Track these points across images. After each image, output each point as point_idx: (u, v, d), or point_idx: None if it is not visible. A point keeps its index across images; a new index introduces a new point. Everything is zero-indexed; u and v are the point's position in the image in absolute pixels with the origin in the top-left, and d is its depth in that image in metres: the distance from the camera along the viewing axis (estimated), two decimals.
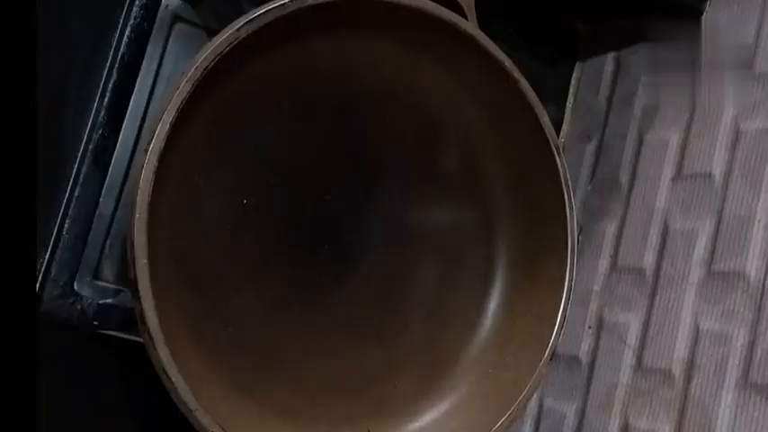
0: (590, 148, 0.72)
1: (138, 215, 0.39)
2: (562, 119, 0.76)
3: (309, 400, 0.52)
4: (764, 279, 0.55)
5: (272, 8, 0.43)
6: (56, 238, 0.50)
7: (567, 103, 0.76)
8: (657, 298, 0.61)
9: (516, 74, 0.51)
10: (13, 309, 0.35)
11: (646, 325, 0.61)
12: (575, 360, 0.66)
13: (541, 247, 0.56)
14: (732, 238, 0.57)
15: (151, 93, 0.53)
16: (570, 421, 0.64)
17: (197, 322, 0.46)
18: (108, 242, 0.52)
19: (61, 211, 0.51)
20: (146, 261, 0.39)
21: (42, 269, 0.50)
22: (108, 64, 0.52)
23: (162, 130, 0.40)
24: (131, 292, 0.40)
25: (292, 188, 0.53)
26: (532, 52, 0.73)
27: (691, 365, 0.57)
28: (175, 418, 0.40)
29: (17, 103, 0.37)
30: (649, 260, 0.63)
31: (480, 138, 0.58)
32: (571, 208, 0.54)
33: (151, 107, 0.53)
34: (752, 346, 0.54)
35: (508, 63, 0.51)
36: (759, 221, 0.56)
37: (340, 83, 0.53)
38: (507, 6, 0.70)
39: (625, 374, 0.61)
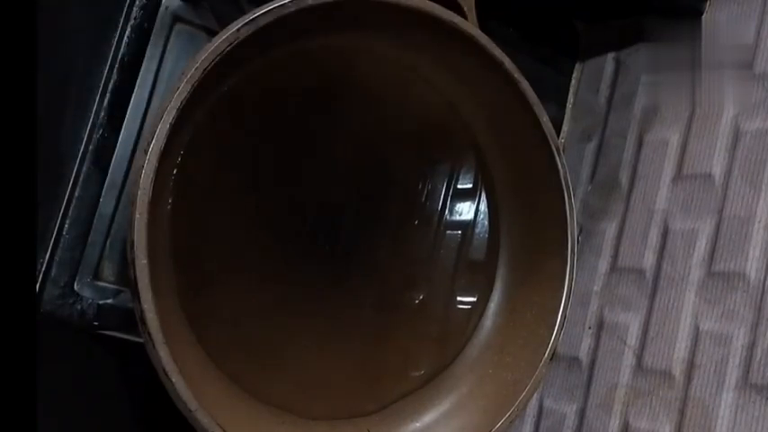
0: (590, 148, 0.72)
1: (138, 215, 0.39)
2: (562, 119, 0.76)
3: (309, 399, 0.52)
4: (764, 279, 0.55)
5: (272, 8, 0.43)
6: (56, 238, 0.50)
7: (567, 103, 0.76)
8: (657, 298, 0.61)
9: (516, 74, 0.51)
10: (13, 309, 0.35)
11: (646, 325, 0.61)
12: (575, 360, 0.66)
13: (541, 248, 0.56)
14: (732, 239, 0.57)
15: (151, 93, 0.53)
16: (570, 421, 0.64)
17: (197, 322, 0.46)
18: (108, 242, 0.52)
19: (61, 211, 0.51)
20: (146, 261, 0.39)
21: (42, 269, 0.50)
22: (108, 64, 0.52)
23: (162, 130, 0.40)
24: (131, 292, 0.40)
25: (292, 188, 0.53)
26: (532, 52, 0.73)
27: (691, 366, 0.57)
28: (175, 418, 0.40)
29: (17, 103, 0.37)
30: (649, 260, 0.63)
31: (480, 138, 0.58)
32: (571, 208, 0.54)
33: (151, 107, 0.53)
34: (752, 346, 0.54)
35: (508, 63, 0.51)
36: (759, 221, 0.56)
37: (340, 83, 0.53)
38: (507, 6, 0.70)
39: (625, 375, 0.61)
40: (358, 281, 0.55)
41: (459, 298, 0.58)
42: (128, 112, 0.52)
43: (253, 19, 0.42)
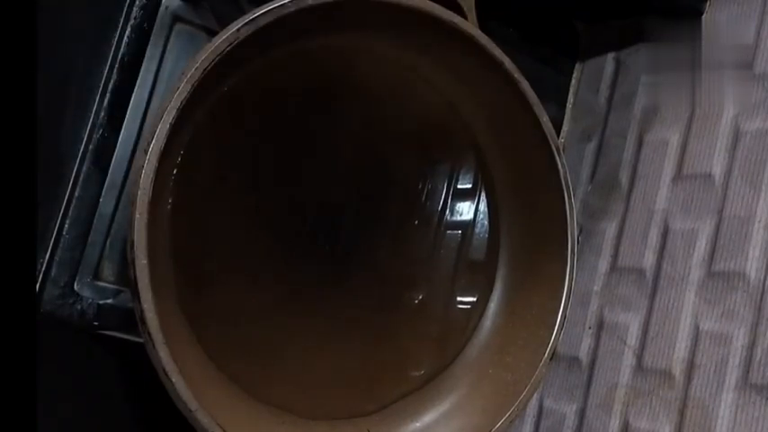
0: (590, 148, 0.72)
1: (138, 215, 0.39)
2: (562, 119, 0.76)
3: (309, 399, 0.52)
4: (764, 279, 0.55)
5: (272, 8, 0.43)
6: (56, 238, 0.50)
7: (567, 103, 0.76)
8: (657, 298, 0.61)
9: (516, 74, 0.51)
10: (13, 309, 0.35)
11: (646, 325, 0.61)
12: (575, 360, 0.66)
13: (542, 248, 0.56)
14: (732, 238, 0.57)
15: (151, 93, 0.53)
16: (570, 421, 0.64)
17: (197, 322, 0.46)
18: (108, 242, 0.52)
19: (61, 211, 0.51)
20: (146, 261, 0.39)
21: (42, 269, 0.50)
22: (108, 64, 0.52)
23: (162, 130, 0.40)
24: (131, 293, 0.40)
25: (292, 188, 0.53)
26: (532, 52, 0.73)
27: (691, 366, 0.57)
28: (175, 418, 0.40)
29: (17, 103, 0.37)
30: (649, 260, 0.63)
31: (480, 138, 0.58)
32: (571, 208, 0.54)
33: (151, 107, 0.53)
34: (752, 346, 0.54)
35: (508, 63, 0.51)
36: (759, 221, 0.56)
37: (340, 83, 0.53)
38: (507, 6, 0.70)
39: (625, 375, 0.61)
40: (358, 281, 0.55)
41: (459, 298, 0.58)
42: (128, 112, 0.52)
43: (253, 19, 0.42)
